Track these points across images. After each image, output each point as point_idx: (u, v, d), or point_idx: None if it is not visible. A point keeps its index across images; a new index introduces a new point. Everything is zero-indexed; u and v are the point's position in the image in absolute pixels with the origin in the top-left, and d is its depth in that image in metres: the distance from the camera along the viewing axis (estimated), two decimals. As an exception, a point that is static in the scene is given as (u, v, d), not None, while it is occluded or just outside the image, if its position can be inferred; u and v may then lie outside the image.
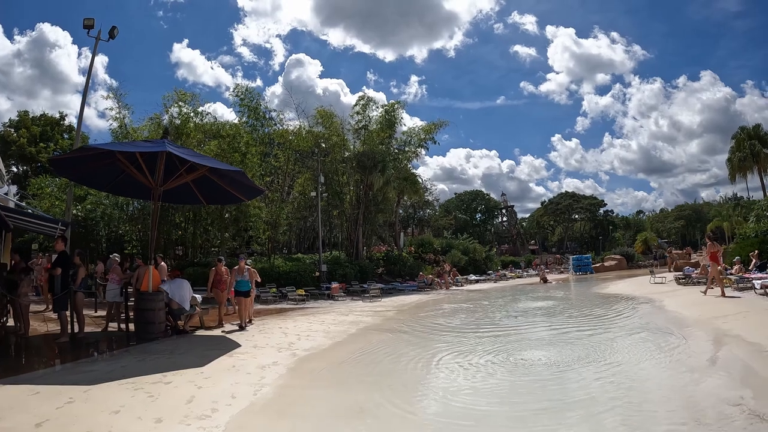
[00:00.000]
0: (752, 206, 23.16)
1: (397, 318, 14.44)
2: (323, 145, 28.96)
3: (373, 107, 30.76)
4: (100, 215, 23.29)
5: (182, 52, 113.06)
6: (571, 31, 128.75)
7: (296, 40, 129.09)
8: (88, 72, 19.89)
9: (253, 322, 12.55)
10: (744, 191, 65.51)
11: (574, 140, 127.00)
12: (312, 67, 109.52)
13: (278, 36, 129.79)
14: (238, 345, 9.11)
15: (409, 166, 33.67)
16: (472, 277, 35.90)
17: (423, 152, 32.73)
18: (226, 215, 23.63)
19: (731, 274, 16.50)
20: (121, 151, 9.87)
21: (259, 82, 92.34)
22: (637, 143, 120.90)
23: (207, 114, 25.09)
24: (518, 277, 41.66)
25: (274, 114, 28.25)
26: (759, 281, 13.52)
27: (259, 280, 13.44)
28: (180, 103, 23.73)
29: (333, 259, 27.51)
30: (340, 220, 33.16)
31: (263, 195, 21.82)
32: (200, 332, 11.10)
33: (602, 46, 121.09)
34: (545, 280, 32.29)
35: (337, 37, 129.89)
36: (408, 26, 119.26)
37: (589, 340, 9.06)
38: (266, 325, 12.27)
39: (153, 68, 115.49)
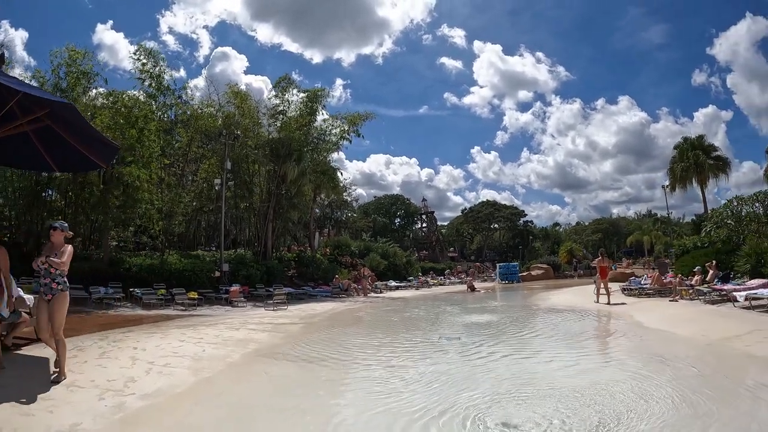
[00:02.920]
0: (702, 218, 23.20)
1: (302, 336, 11.89)
2: (233, 127, 26.19)
3: (294, 91, 28.36)
4: None
5: (105, 34, 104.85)
6: (498, 47, 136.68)
7: (224, 32, 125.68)
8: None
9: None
10: (679, 201, 70.05)
11: (493, 153, 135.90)
12: (237, 62, 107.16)
13: (205, 27, 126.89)
14: (47, 385, 5.93)
15: (328, 159, 31.57)
16: (393, 283, 34.97)
17: (346, 145, 30.58)
18: (111, 198, 20.43)
19: (692, 285, 16.71)
20: None
21: (182, 73, 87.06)
22: (553, 159, 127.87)
23: (98, 76, 22.05)
24: (441, 285, 41.64)
25: (180, 88, 25.36)
26: (742, 293, 13.12)
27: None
28: (70, 61, 20.89)
29: (237, 257, 25.12)
30: (248, 214, 30.35)
31: (117, 155, 19.00)
32: (30, 349, 8.00)
33: (527, 64, 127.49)
34: (473, 289, 31.82)
35: (265, 33, 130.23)
36: (339, 29, 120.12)
37: (589, 378, 6.72)
38: (120, 343, 9.40)
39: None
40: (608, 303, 17.17)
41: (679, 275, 18.27)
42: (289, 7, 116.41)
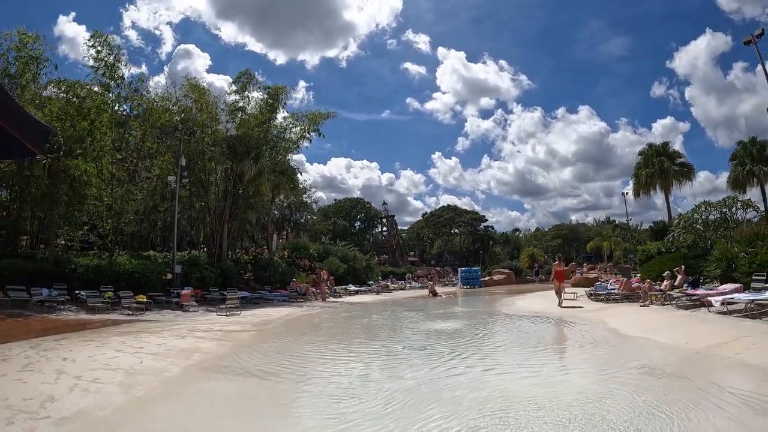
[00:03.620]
0: (660, 225, 23.65)
1: (253, 345, 11.02)
2: (189, 123, 25.35)
3: (255, 87, 27.65)
4: None
5: (67, 26, 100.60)
6: (462, 54, 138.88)
7: (187, 30, 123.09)
8: None
9: None
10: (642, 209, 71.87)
11: (454, 159, 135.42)
12: (200, 60, 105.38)
13: (169, 24, 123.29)
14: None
15: (288, 158, 31.00)
16: (352, 287, 34.61)
17: (306, 147, 30.04)
18: (58, 192, 19.41)
19: (661, 290, 16.65)
20: None
21: (144, 69, 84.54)
22: (513, 166, 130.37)
23: (48, 61, 20.95)
24: (401, 289, 41.64)
25: (136, 80, 24.36)
26: (717, 298, 12.98)
27: None
28: (20, 45, 19.90)
29: (191, 259, 24.38)
30: (203, 214, 29.39)
31: (50, 136, 18.16)
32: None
33: (490, 72, 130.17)
34: (435, 294, 31.86)
35: (229, 32, 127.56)
36: (305, 30, 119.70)
37: (580, 397, 5.93)
38: (50, 352, 8.68)
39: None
40: (560, 305, 18.23)
41: (648, 280, 18.45)
42: (254, 7, 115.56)
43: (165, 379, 7.45)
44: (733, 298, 12.52)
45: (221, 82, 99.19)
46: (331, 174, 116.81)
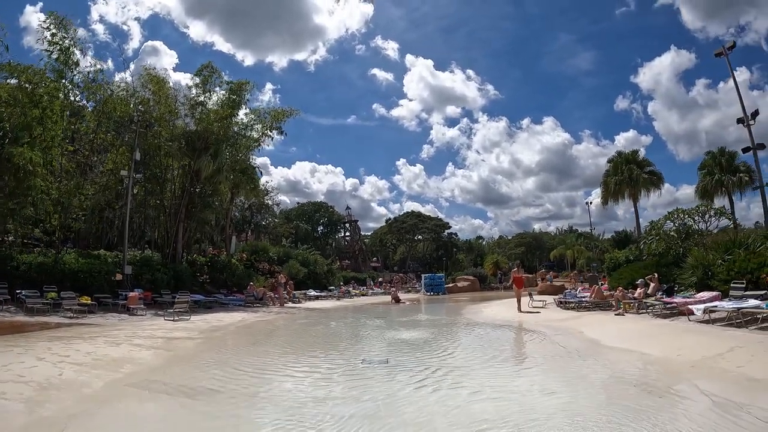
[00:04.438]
0: (622, 234, 23.87)
1: (195, 355, 10.11)
2: (146, 115, 24.45)
3: (217, 81, 26.69)
4: None
5: (33, 17, 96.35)
6: (430, 62, 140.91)
7: (156, 26, 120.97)
8: None
9: None
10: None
11: (419, 166, 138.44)
12: (167, 58, 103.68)
13: (137, 19, 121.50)
14: None
15: (249, 157, 30.21)
16: (312, 292, 34.06)
17: (271, 150, 29.35)
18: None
19: (635, 298, 16.53)
20: None
21: (110, 64, 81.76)
22: (478, 175, 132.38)
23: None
24: (363, 295, 41.37)
25: (92, 69, 23.16)
26: (699, 306, 12.84)
27: None
28: None
29: (143, 259, 23.33)
30: (157, 212, 28.27)
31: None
32: None
33: (457, 80, 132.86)
34: (398, 300, 31.53)
35: (198, 30, 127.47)
36: (274, 32, 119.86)
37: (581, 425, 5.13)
38: None
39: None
40: (519, 310, 19.44)
41: (620, 288, 18.37)
42: (225, 6, 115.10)
43: (82, 396, 6.51)
44: (716, 307, 12.25)
45: (188, 80, 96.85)
46: (296, 178, 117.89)
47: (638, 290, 16.87)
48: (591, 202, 60.76)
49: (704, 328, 11.51)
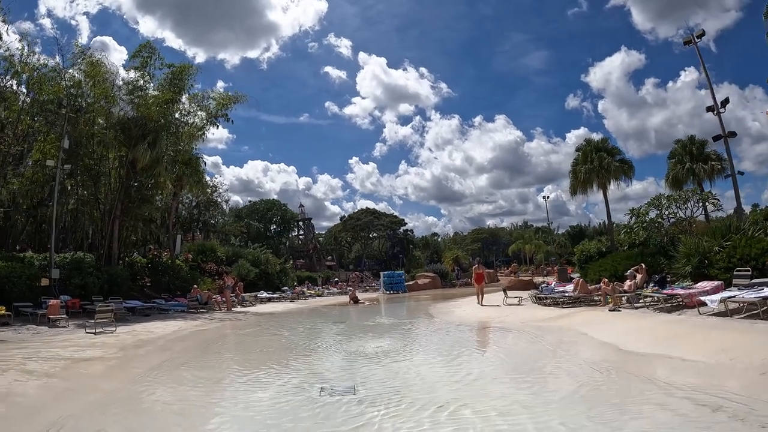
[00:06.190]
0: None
1: (98, 385, 7.88)
2: (78, 98, 21.96)
3: (158, 64, 24.35)
4: None
5: None
6: (383, 60, 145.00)
7: (105, 21, 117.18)
8: None
9: None
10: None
11: (372, 164, 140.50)
12: (116, 54, 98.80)
13: (86, 14, 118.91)
14: None
15: (192, 147, 27.74)
16: (264, 294, 32.08)
17: (212, 130, 26.97)
18: None
19: (625, 291, 15.61)
20: None
21: (57, 60, 76.58)
22: (430, 172, 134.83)
23: None
24: (319, 295, 39.65)
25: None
26: (714, 297, 11.47)
27: None
28: None
29: (73, 262, 20.64)
30: (89, 207, 25.66)
31: None
32: None
33: (410, 78, 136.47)
34: (356, 301, 29.83)
35: (149, 26, 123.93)
36: (227, 28, 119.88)
37: None
38: None
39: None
40: (480, 304, 20.66)
41: (604, 280, 17.19)
42: (176, 1, 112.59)
43: None
44: (734, 297, 11.05)
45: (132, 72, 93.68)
46: (248, 177, 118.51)
47: (627, 282, 15.96)
48: (548, 197, 60.97)
49: (726, 322, 10.21)
